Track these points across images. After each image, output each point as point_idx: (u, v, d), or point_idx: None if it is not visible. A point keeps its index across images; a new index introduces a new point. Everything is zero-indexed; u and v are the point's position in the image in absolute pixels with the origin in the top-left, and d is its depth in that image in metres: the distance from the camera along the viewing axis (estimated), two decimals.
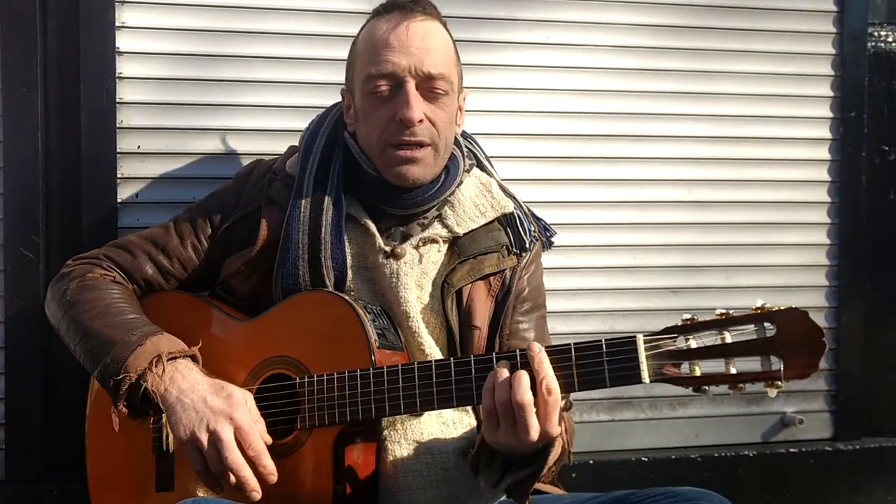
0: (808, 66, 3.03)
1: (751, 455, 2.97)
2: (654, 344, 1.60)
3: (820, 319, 3.05)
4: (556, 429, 1.63)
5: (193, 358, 1.86)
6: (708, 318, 1.59)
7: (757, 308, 1.57)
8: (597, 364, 1.62)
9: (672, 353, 1.59)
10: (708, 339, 1.58)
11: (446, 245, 2.05)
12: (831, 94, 3.06)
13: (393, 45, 1.94)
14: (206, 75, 2.62)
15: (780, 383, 1.54)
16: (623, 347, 1.61)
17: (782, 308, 1.56)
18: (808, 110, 3.04)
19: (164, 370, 1.79)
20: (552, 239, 2.25)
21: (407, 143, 1.95)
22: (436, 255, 2.03)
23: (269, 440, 1.79)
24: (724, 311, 1.59)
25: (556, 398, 1.61)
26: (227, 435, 1.73)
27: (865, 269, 3.11)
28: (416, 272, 2.00)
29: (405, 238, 2.04)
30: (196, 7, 2.61)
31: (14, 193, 2.54)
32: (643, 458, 2.89)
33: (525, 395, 1.60)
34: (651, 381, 1.59)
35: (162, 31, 2.59)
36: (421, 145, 1.96)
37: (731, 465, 2.95)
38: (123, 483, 2.00)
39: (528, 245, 2.10)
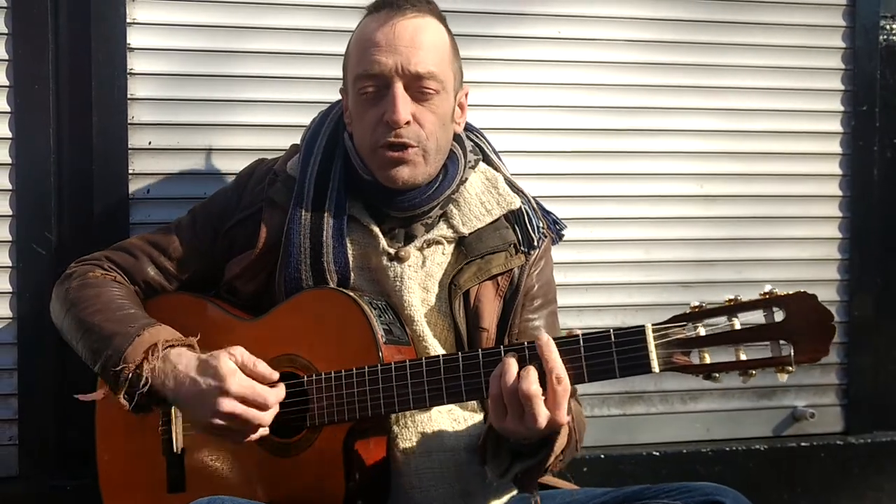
0: (819, 59, 3.02)
1: (762, 449, 2.96)
2: (662, 332, 1.59)
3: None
4: (564, 417, 1.62)
5: (191, 348, 1.85)
6: (716, 305, 1.59)
7: (765, 293, 1.57)
8: (606, 354, 1.62)
9: (681, 342, 1.58)
10: (717, 326, 1.58)
11: (452, 245, 2.02)
12: (843, 87, 3.05)
13: (380, 45, 1.90)
14: (216, 71, 2.63)
15: (790, 368, 1.53)
16: (632, 337, 1.61)
17: (791, 293, 1.56)
18: (819, 104, 3.03)
19: (161, 359, 1.79)
20: (562, 233, 2.23)
21: (392, 144, 1.91)
22: (440, 257, 2.01)
23: (276, 376, 1.81)
24: (732, 297, 1.59)
25: (565, 387, 1.60)
26: (233, 407, 1.74)
27: (877, 263, 3.10)
28: (420, 275, 1.98)
29: (409, 239, 2.01)
30: (207, 3, 2.61)
31: (26, 190, 2.54)
32: (655, 453, 2.89)
33: (532, 385, 1.60)
34: (661, 371, 1.59)
35: (173, 28, 2.60)
36: (405, 147, 1.92)
37: (743, 459, 2.94)
38: (134, 486, 2.00)
39: (536, 243, 2.06)
